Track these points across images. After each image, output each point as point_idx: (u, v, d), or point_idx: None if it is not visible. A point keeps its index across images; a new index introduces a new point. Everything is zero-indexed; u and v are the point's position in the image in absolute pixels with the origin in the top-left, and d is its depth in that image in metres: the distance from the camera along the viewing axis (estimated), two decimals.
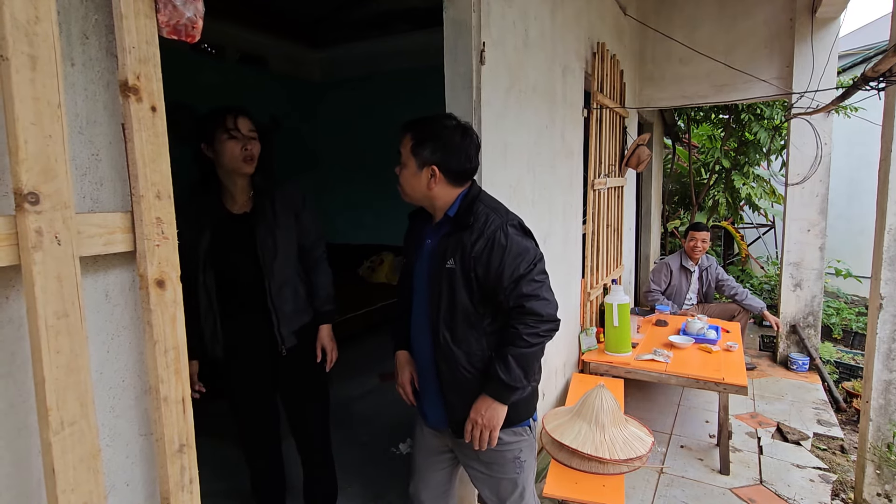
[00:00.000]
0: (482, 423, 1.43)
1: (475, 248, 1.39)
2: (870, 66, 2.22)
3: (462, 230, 1.41)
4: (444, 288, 1.42)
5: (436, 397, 1.53)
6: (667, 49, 4.64)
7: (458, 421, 1.49)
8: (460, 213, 1.44)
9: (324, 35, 5.56)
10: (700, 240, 4.03)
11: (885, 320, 2.30)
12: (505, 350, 1.41)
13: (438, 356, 1.46)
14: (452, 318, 1.43)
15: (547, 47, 2.56)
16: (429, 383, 1.55)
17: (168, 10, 0.80)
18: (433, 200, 1.46)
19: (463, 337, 1.44)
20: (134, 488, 0.88)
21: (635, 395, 3.57)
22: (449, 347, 1.44)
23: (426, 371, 1.54)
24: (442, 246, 1.43)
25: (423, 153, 1.41)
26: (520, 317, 1.40)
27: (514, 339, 1.40)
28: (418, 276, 1.52)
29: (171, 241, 0.85)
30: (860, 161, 7.02)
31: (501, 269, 1.39)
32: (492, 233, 1.40)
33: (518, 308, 1.40)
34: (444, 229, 1.46)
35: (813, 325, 4.35)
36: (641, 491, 2.57)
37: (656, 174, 6.39)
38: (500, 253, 1.39)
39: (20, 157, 0.66)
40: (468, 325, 1.44)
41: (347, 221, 6.00)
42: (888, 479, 2.38)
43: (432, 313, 1.45)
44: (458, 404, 1.47)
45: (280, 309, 1.82)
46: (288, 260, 1.83)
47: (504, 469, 1.54)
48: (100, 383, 0.82)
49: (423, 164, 1.41)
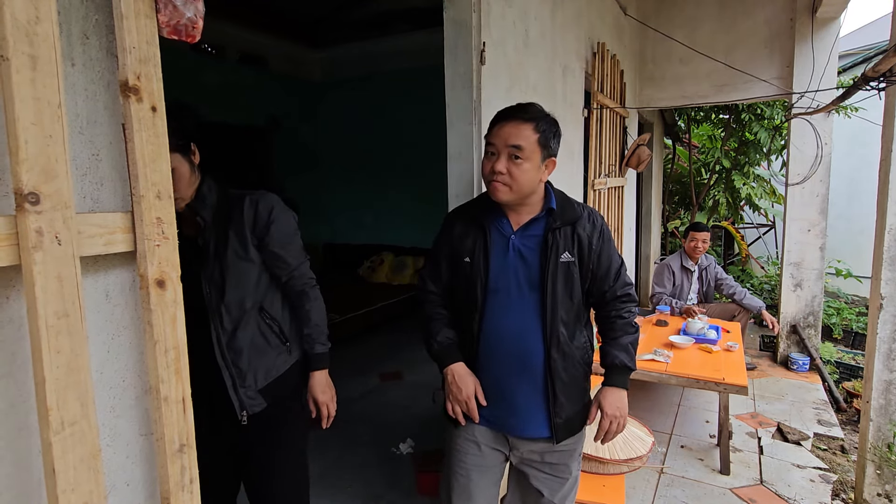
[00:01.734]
0: (620, 414, 1.43)
1: (593, 240, 1.42)
2: (870, 66, 2.22)
3: (572, 223, 1.41)
4: (561, 283, 1.38)
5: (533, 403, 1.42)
6: (667, 49, 4.64)
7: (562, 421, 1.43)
8: (564, 206, 1.42)
9: (324, 35, 5.56)
10: (700, 240, 4.03)
11: (885, 320, 2.30)
12: (623, 339, 1.45)
13: (556, 356, 1.39)
14: (569, 314, 1.41)
15: (547, 47, 2.56)
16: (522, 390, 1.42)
17: (168, 10, 0.80)
18: (536, 195, 1.40)
19: (576, 332, 1.44)
20: (134, 488, 0.88)
21: (635, 395, 3.57)
22: (568, 345, 1.41)
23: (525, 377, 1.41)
24: (551, 240, 1.38)
25: (551, 145, 1.37)
26: (625, 304, 1.47)
27: (626, 327, 1.46)
28: (502, 276, 1.40)
29: (171, 241, 0.85)
30: (860, 161, 7.02)
31: (611, 261, 1.45)
32: (601, 225, 1.45)
33: (624, 296, 1.47)
34: (541, 224, 1.40)
35: (813, 325, 4.35)
36: (641, 491, 2.57)
37: (656, 174, 6.39)
38: (609, 245, 1.45)
39: (20, 157, 0.66)
40: (578, 319, 1.45)
41: (347, 221, 6.00)
42: (888, 480, 2.38)
43: (549, 311, 1.38)
44: (567, 403, 1.43)
45: (235, 363, 1.39)
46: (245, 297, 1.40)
47: (570, 467, 1.51)
48: (100, 383, 0.82)
49: (549, 156, 1.37)
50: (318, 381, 1.51)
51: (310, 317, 1.51)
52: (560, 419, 1.42)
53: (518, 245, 1.40)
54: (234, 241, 1.39)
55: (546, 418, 1.43)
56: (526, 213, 1.42)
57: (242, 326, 1.40)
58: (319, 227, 6.03)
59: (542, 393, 1.42)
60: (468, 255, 1.42)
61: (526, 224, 1.41)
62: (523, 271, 1.40)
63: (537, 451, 1.48)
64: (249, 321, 1.42)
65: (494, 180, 1.34)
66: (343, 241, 5.95)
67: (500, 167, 1.32)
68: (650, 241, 6.29)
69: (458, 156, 1.94)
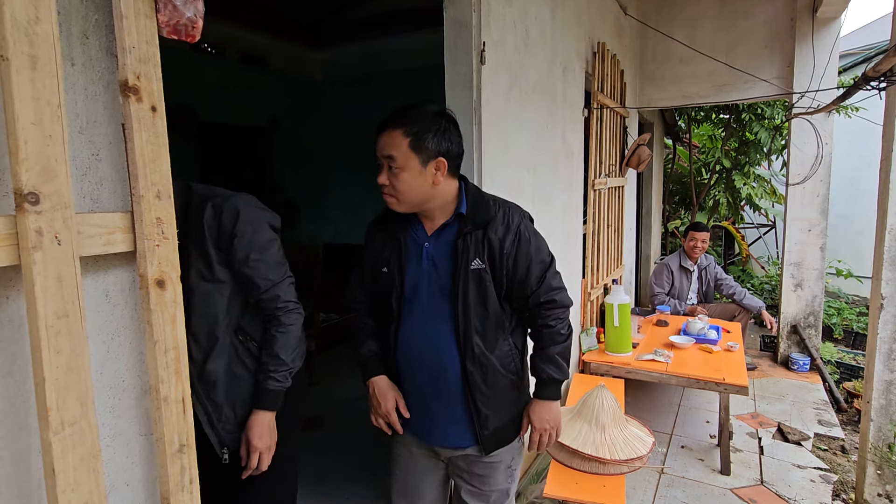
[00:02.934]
0: (550, 427, 1.40)
1: (505, 243, 1.32)
2: (870, 65, 2.21)
3: (483, 227, 1.31)
4: (473, 291, 1.30)
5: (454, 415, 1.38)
6: (667, 49, 4.64)
7: (490, 434, 1.38)
8: (476, 210, 1.33)
9: (324, 35, 5.56)
10: (700, 240, 4.03)
11: (885, 320, 2.30)
12: (549, 350, 1.38)
13: (472, 368, 1.33)
14: (484, 324, 1.33)
15: (547, 47, 2.56)
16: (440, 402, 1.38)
17: (168, 9, 0.80)
18: (435, 200, 1.31)
19: (495, 341, 1.35)
20: (134, 488, 0.88)
21: (636, 396, 3.57)
22: (484, 356, 1.33)
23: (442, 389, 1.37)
24: (461, 246, 1.30)
25: (426, 147, 1.25)
26: (551, 311, 1.37)
27: (554, 336, 1.38)
28: (417, 286, 1.36)
29: (170, 241, 0.85)
30: (861, 161, 7.02)
31: (530, 264, 1.34)
32: (517, 227, 1.34)
33: (549, 302, 1.36)
34: (453, 229, 1.33)
35: (814, 325, 4.34)
36: (642, 491, 2.57)
37: (657, 174, 6.38)
38: (527, 247, 1.34)
39: (20, 157, 0.66)
40: (498, 328, 1.36)
41: (347, 221, 6.01)
42: (889, 480, 2.37)
43: (461, 322, 1.31)
44: (492, 415, 1.37)
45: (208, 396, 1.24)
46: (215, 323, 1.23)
47: (496, 480, 1.45)
48: (100, 383, 0.82)
49: (429, 158, 1.26)
50: (257, 423, 1.26)
51: (272, 345, 1.27)
52: (487, 430, 1.37)
53: (431, 252, 1.35)
54: (196, 259, 1.19)
55: (469, 430, 1.38)
56: (439, 218, 1.35)
57: (214, 357, 1.23)
58: (319, 227, 6.03)
59: (461, 404, 1.36)
60: (385, 264, 1.38)
61: (438, 230, 1.35)
62: (435, 280, 1.34)
63: (464, 461, 1.43)
64: (223, 349, 1.24)
65: (382, 193, 1.30)
66: (343, 241, 5.95)
67: (381, 180, 1.28)
68: (650, 241, 6.29)
69: None
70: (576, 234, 3.19)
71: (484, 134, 1.92)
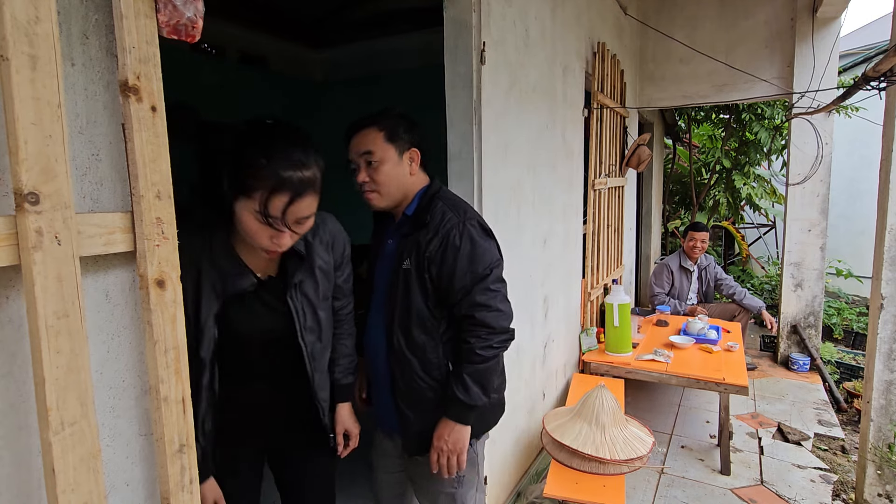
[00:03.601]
0: (448, 449, 1.34)
1: (430, 247, 1.31)
2: (871, 65, 2.21)
3: (419, 229, 1.34)
4: (400, 290, 1.35)
5: (389, 405, 1.42)
6: (667, 49, 4.64)
7: (412, 436, 1.39)
8: (418, 212, 1.36)
9: (325, 35, 5.56)
10: (699, 240, 4.03)
11: (886, 320, 2.30)
12: (460, 368, 1.33)
13: (393, 362, 1.37)
14: (407, 322, 1.34)
15: (547, 47, 2.56)
16: (382, 389, 1.44)
17: (168, 10, 0.80)
18: (410, 191, 1.39)
19: (418, 343, 1.34)
20: (134, 488, 0.88)
21: (636, 396, 3.57)
22: (403, 353, 1.35)
23: (380, 377, 1.44)
24: (400, 246, 1.37)
25: (401, 137, 1.34)
26: (472, 328, 1.31)
27: (469, 355, 1.31)
28: (377, 278, 1.47)
29: (171, 241, 0.85)
30: (861, 161, 7.02)
31: (453, 273, 1.29)
32: (446, 232, 1.30)
33: (469, 318, 1.31)
34: (403, 228, 1.40)
35: (814, 325, 4.34)
36: (642, 491, 2.57)
37: (657, 174, 6.38)
38: (454, 254, 1.29)
39: (20, 157, 0.66)
40: (423, 331, 1.34)
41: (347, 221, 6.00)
42: (889, 480, 2.37)
43: (387, 316, 1.38)
44: (412, 417, 1.37)
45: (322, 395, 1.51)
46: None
47: (442, 483, 1.43)
48: (100, 383, 0.82)
49: (404, 148, 1.35)
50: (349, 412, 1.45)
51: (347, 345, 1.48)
52: (410, 431, 1.38)
53: (388, 250, 1.44)
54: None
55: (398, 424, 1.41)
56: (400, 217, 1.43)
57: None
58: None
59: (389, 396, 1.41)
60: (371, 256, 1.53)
61: (396, 228, 1.44)
62: (383, 276, 1.43)
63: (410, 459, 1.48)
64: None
65: (364, 191, 1.36)
66: None
67: (361, 178, 1.35)
68: (650, 241, 6.29)
69: (458, 156, 1.94)
70: (576, 235, 3.19)
71: (484, 134, 1.92)
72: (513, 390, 2.16)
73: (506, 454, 2.31)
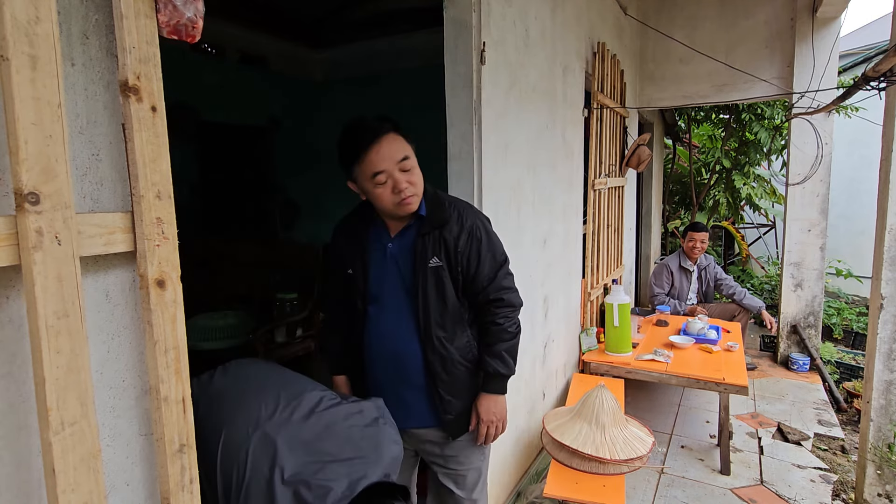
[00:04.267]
0: (497, 419, 1.48)
1: (459, 243, 1.40)
2: (870, 65, 2.21)
3: (440, 227, 1.40)
4: (432, 287, 1.40)
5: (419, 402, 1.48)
6: (667, 49, 4.64)
7: (457, 419, 1.48)
8: (434, 210, 1.41)
9: (325, 35, 5.56)
10: (699, 240, 4.03)
11: (885, 320, 2.30)
12: (496, 346, 1.46)
13: (433, 359, 1.43)
14: (444, 317, 1.42)
15: (547, 47, 2.56)
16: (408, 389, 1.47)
17: (168, 10, 0.80)
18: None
19: (454, 334, 1.45)
20: (134, 488, 0.88)
21: (636, 396, 3.57)
22: (445, 348, 1.43)
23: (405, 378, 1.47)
24: (420, 245, 1.40)
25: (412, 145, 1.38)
26: (499, 310, 1.46)
27: (501, 334, 1.46)
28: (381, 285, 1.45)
29: (171, 241, 0.85)
30: (861, 161, 7.02)
31: (482, 262, 1.43)
32: (471, 227, 1.43)
33: (497, 301, 1.45)
34: (413, 229, 1.42)
35: (814, 325, 4.34)
36: (642, 491, 2.57)
37: (657, 174, 6.38)
38: (479, 246, 1.43)
39: (20, 157, 0.66)
40: (458, 321, 1.45)
41: None
42: (889, 480, 2.38)
43: (421, 316, 1.41)
44: (454, 401, 1.47)
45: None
46: None
47: (471, 459, 1.55)
48: (100, 383, 0.82)
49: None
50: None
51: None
52: (451, 416, 1.47)
53: (395, 252, 1.43)
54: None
55: (433, 415, 1.48)
56: (405, 219, 1.42)
57: None
58: (320, 227, 6.03)
59: (424, 391, 1.46)
60: (350, 266, 1.47)
61: (401, 231, 1.44)
62: (398, 278, 1.43)
63: (437, 444, 1.52)
64: None
65: (407, 197, 1.32)
66: None
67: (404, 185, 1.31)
68: (650, 241, 6.29)
69: (458, 156, 1.94)
70: (576, 235, 3.19)
71: (484, 134, 1.92)
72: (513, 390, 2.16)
73: (506, 454, 2.31)
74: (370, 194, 1.35)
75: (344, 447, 1.08)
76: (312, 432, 1.08)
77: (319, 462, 1.03)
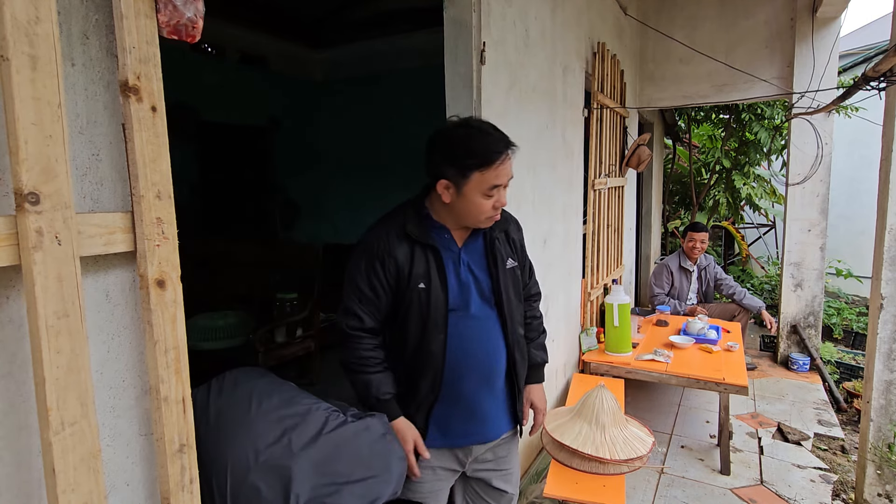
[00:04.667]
0: (544, 407, 1.57)
1: (523, 241, 1.51)
2: (870, 65, 2.22)
3: (505, 228, 1.45)
4: (511, 289, 1.43)
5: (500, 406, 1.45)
6: (667, 49, 4.64)
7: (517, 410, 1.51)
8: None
9: (325, 35, 5.56)
10: (699, 240, 4.03)
11: (885, 320, 2.30)
12: (540, 339, 1.58)
13: (518, 357, 1.45)
14: (518, 315, 1.47)
15: (547, 47, 2.56)
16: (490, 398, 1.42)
17: (168, 10, 0.80)
18: None
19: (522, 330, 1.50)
20: (134, 488, 0.88)
21: (636, 395, 3.57)
22: (518, 341, 1.47)
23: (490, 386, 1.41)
24: (493, 250, 1.40)
25: None
26: (536, 303, 1.57)
27: (539, 326, 1.57)
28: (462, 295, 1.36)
29: (171, 241, 0.85)
30: (861, 161, 7.02)
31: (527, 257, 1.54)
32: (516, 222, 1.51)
33: (536, 294, 1.57)
34: (480, 235, 1.41)
35: (814, 325, 4.34)
36: (642, 491, 2.57)
37: (657, 174, 6.38)
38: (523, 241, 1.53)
39: (20, 157, 0.66)
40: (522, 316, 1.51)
41: (348, 221, 6.00)
42: (889, 480, 2.38)
43: (507, 318, 1.40)
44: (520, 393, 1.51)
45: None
46: None
47: (514, 453, 1.58)
48: (100, 383, 0.82)
49: None
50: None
51: None
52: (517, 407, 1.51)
53: (467, 260, 1.38)
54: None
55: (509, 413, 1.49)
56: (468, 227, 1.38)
57: None
58: (320, 227, 6.03)
59: (504, 392, 1.46)
60: (422, 280, 1.32)
61: (469, 238, 1.40)
62: (476, 285, 1.38)
63: (490, 452, 1.50)
64: None
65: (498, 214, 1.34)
66: (344, 241, 5.95)
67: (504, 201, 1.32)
68: (650, 241, 6.29)
69: None
70: (576, 235, 3.19)
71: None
72: None
73: None
74: (469, 202, 1.27)
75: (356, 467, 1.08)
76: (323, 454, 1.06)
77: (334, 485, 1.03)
